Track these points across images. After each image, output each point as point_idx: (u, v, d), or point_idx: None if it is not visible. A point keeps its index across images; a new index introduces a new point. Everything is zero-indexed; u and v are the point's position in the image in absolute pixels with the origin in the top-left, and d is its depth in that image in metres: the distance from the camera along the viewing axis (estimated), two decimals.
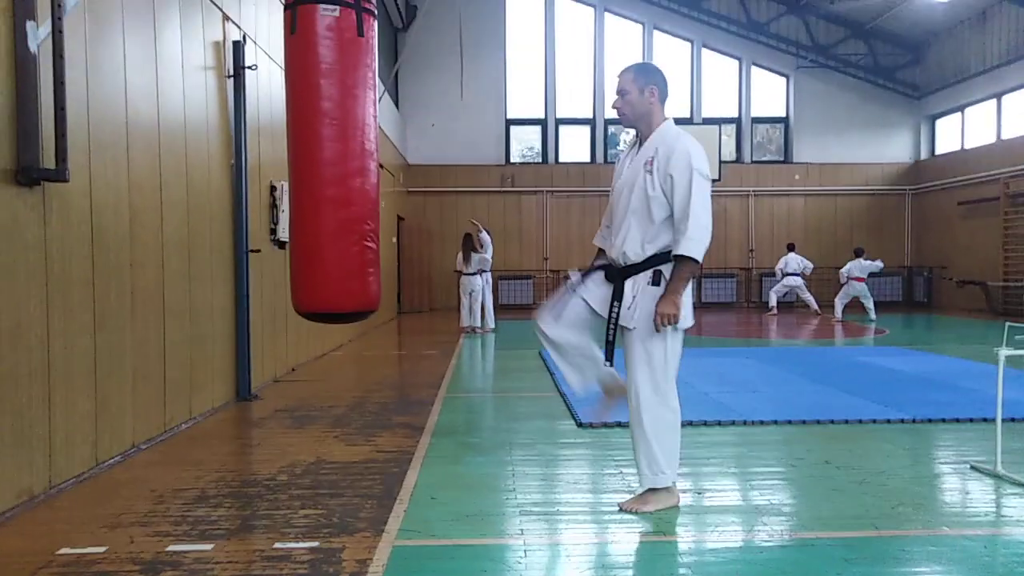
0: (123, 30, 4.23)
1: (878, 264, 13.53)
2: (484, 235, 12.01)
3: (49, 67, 3.39)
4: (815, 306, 14.78)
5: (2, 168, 3.20)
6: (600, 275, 3.37)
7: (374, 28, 3.26)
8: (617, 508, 3.29)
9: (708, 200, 3.13)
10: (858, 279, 13.53)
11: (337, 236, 3.26)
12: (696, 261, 3.10)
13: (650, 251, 3.18)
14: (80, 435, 3.75)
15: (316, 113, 3.21)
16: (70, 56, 3.53)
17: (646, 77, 3.25)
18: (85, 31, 3.82)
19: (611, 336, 3.25)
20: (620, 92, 3.28)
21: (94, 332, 3.88)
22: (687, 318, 3.20)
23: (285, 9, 3.14)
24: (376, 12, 3.28)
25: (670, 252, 3.15)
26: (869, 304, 13.67)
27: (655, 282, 3.17)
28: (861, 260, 13.60)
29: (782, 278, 14.88)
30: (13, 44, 3.26)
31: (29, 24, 3.29)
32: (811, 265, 14.82)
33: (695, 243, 3.07)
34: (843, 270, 13.81)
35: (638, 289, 3.20)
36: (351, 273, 3.32)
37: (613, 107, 3.35)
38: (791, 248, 15.15)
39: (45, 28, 3.36)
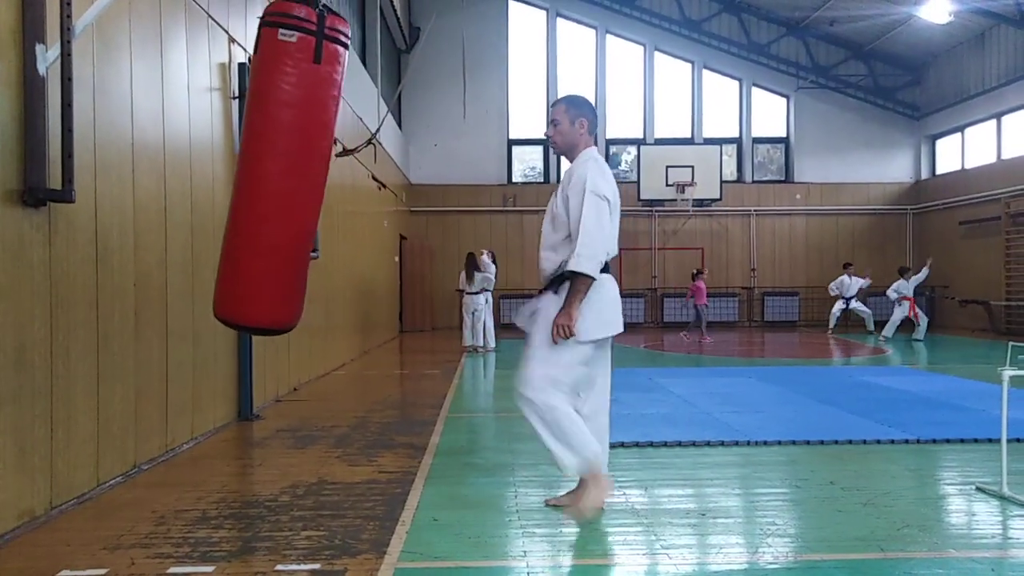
0: (130, 52, 4.28)
1: (925, 271, 13.81)
2: (486, 258, 11.98)
3: (57, 89, 3.43)
4: (871, 325, 14.96)
5: (9, 188, 3.22)
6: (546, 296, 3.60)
7: (338, 57, 3.23)
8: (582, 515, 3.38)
9: (600, 218, 3.33)
10: (906, 298, 13.66)
11: (263, 254, 3.22)
12: (588, 276, 3.30)
13: (556, 265, 3.43)
14: (82, 455, 3.74)
15: (258, 132, 3.19)
16: (78, 78, 3.57)
17: (577, 110, 3.52)
18: (93, 53, 3.86)
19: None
20: (552, 122, 3.54)
21: (97, 352, 3.88)
22: (588, 331, 3.36)
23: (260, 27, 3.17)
24: (346, 42, 3.26)
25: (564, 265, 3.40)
26: (923, 324, 13.71)
27: (556, 290, 3.42)
28: (905, 280, 13.71)
29: (847, 301, 14.80)
30: (23, 67, 3.29)
31: (39, 47, 3.33)
32: (868, 281, 14.85)
33: (583, 259, 3.29)
34: (891, 291, 13.87)
35: (545, 295, 3.47)
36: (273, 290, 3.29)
37: (545, 135, 3.64)
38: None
39: (54, 51, 3.39)
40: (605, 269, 3.48)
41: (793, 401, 6.62)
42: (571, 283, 3.32)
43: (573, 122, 3.45)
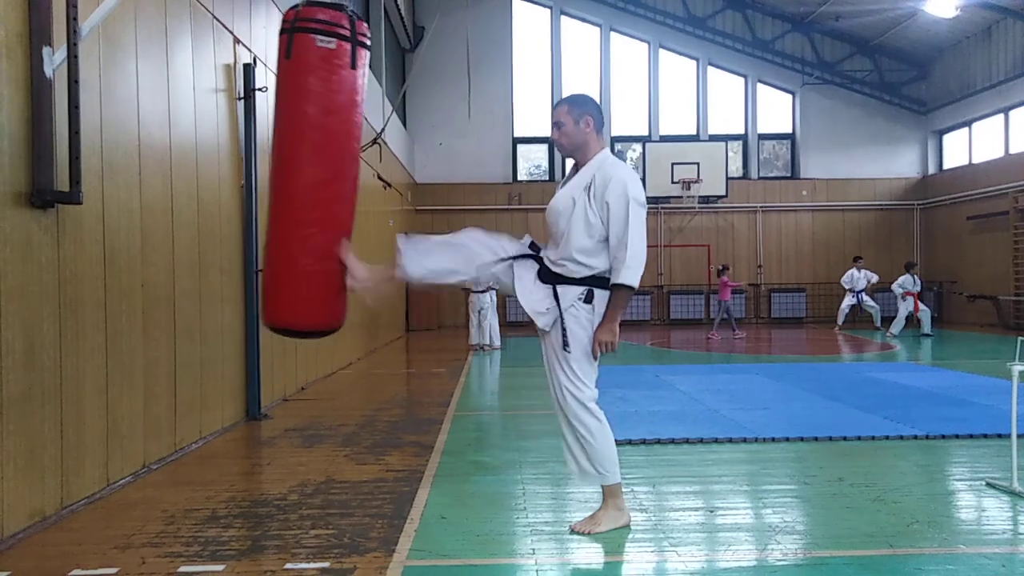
0: (136, 54, 4.30)
1: (873, 277, 13.80)
2: None
3: (64, 91, 3.44)
4: (877, 321, 14.91)
5: (17, 191, 3.24)
6: (534, 271, 3.35)
7: (366, 60, 3.26)
8: (570, 530, 3.28)
9: (644, 228, 3.23)
10: (910, 294, 13.60)
11: (305, 256, 3.23)
12: (633, 288, 3.19)
13: (585, 272, 3.25)
14: (92, 455, 3.76)
15: (300, 138, 3.20)
16: (84, 80, 3.59)
17: (580, 108, 3.38)
18: (99, 56, 3.88)
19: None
20: (556, 124, 3.40)
21: (106, 352, 3.90)
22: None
23: (281, 33, 3.16)
24: (370, 45, 3.29)
25: (602, 275, 3.23)
26: (925, 318, 13.66)
27: (587, 300, 3.24)
28: (912, 275, 13.68)
29: (857, 295, 14.72)
30: (29, 69, 3.31)
31: (45, 50, 3.35)
32: (876, 276, 14.79)
33: (633, 272, 3.16)
34: (895, 285, 13.84)
35: (568, 300, 3.24)
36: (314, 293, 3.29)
37: (551, 138, 3.49)
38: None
39: (61, 53, 3.41)
40: None
41: (800, 397, 6.60)
42: (616, 295, 3.19)
43: (578, 121, 3.35)
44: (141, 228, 4.32)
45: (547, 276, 3.30)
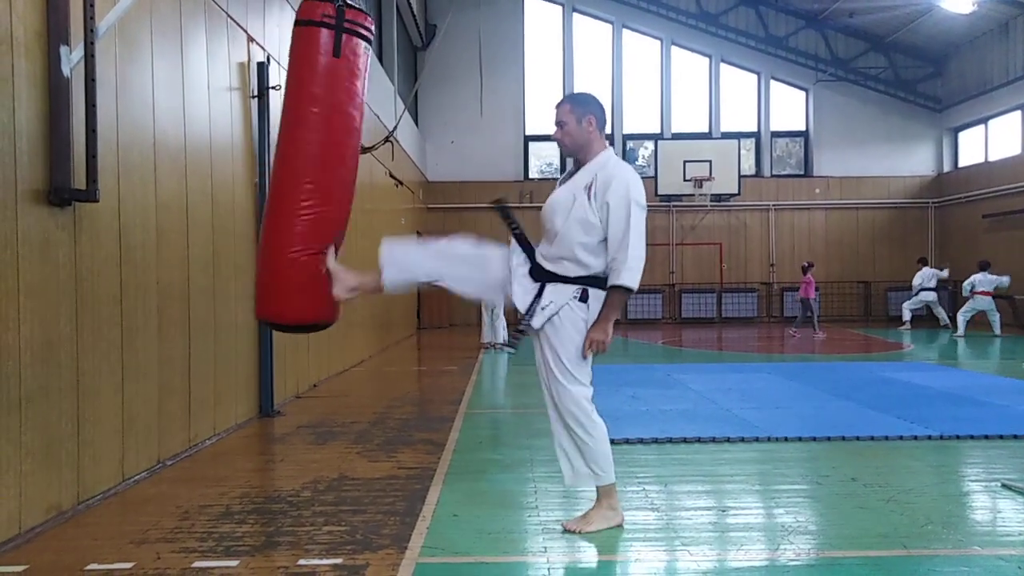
0: (152, 53, 4.33)
1: (1005, 279, 13.24)
2: None
3: (81, 90, 3.48)
4: (945, 320, 14.68)
5: (35, 188, 3.27)
6: (527, 268, 3.31)
7: (357, 49, 3.29)
8: (563, 529, 3.27)
9: (643, 231, 3.19)
10: (984, 293, 13.28)
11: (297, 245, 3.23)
12: (632, 291, 3.16)
13: (580, 272, 3.21)
14: (107, 451, 3.80)
15: (304, 126, 3.22)
16: (101, 79, 3.61)
17: (583, 107, 3.33)
18: (115, 54, 3.91)
19: (522, 327, 3.28)
20: (558, 124, 3.35)
21: (122, 349, 3.94)
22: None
23: (320, 26, 3.17)
24: (372, 40, 3.31)
25: (598, 276, 3.19)
26: (994, 318, 13.33)
27: (583, 299, 3.20)
28: (987, 274, 13.36)
29: (917, 293, 14.65)
30: (47, 68, 3.34)
31: (63, 49, 3.38)
32: (945, 273, 14.67)
33: (632, 273, 3.12)
34: (966, 283, 13.59)
35: (563, 299, 3.21)
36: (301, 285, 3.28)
37: (553, 138, 3.43)
38: (924, 263, 14.98)
39: (78, 52, 3.44)
40: None
41: (813, 397, 6.57)
42: (613, 296, 3.16)
43: (580, 121, 3.30)
44: (156, 226, 4.35)
45: (539, 274, 3.26)
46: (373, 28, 3.23)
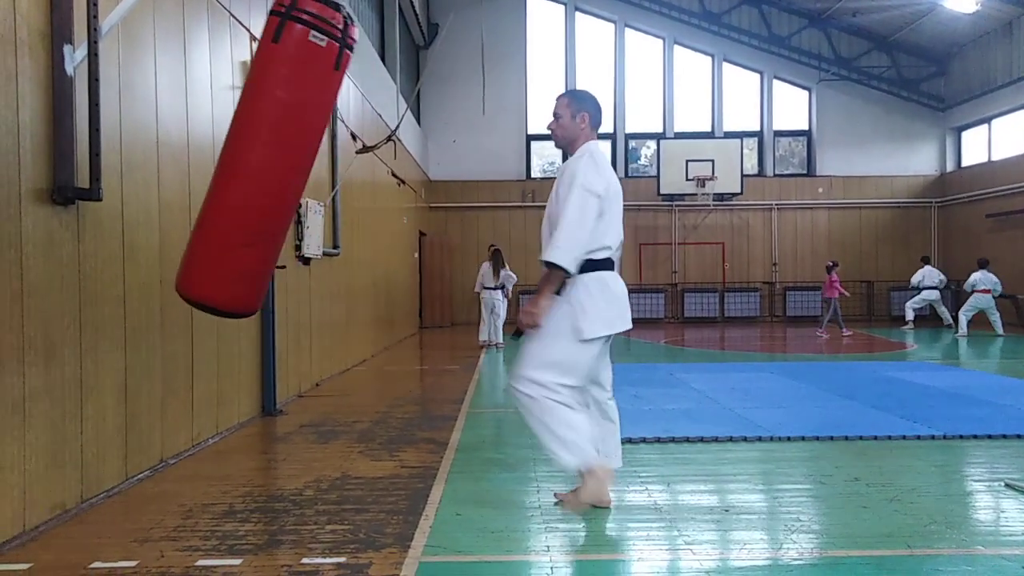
0: (155, 52, 4.33)
1: (997, 284, 13.26)
2: (511, 274, 11.84)
3: (84, 89, 3.48)
4: (948, 319, 14.62)
5: (39, 187, 3.28)
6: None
7: (348, 65, 3.28)
8: (556, 500, 3.47)
9: (584, 212, 3.24)
10: (984, 291, 13.24)
11: (233, 236, 3.19)
12: (560, 268, 3.22)
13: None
14: (111, 450, 3.81)
15: (264, 119, 3.18)
16: (104, 78, 3.62)
17: (580, 104, 3.45)
18: (119, 53, 3.91)
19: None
20: (555, 115, 3.48)
21: (125, 348, 3.94)
22: (592, 329, 3.32)
23: (272, 14, 3.14)
24: (353, 49, 3.28)
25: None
26: (994, 318, 13.28)
27: (558, 291, 3.35)
28: (986, 272, 13.33)
29: (918, 291, 14.60)
30: (51, 67, 3.35)
31: (66, 48, 3.39)
32: (945, 278, 14.66)
33: (558, 251, 3.21)
34: (968, 282, 13.56)
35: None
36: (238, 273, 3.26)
37: (547, 128, 3.58)
38: (926, 261, 14.92)
39: (81, 51, 3.45)
40: (609, 266, 3.42)
41: (816, 396, 6.56)
42: (544, 273, 3.29)
43: (575, 116, 3.40)
44: (159, 224, 4.36)
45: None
46: (332, 17, 3.12)
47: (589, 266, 3.34)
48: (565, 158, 3.50)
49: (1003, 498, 3.67)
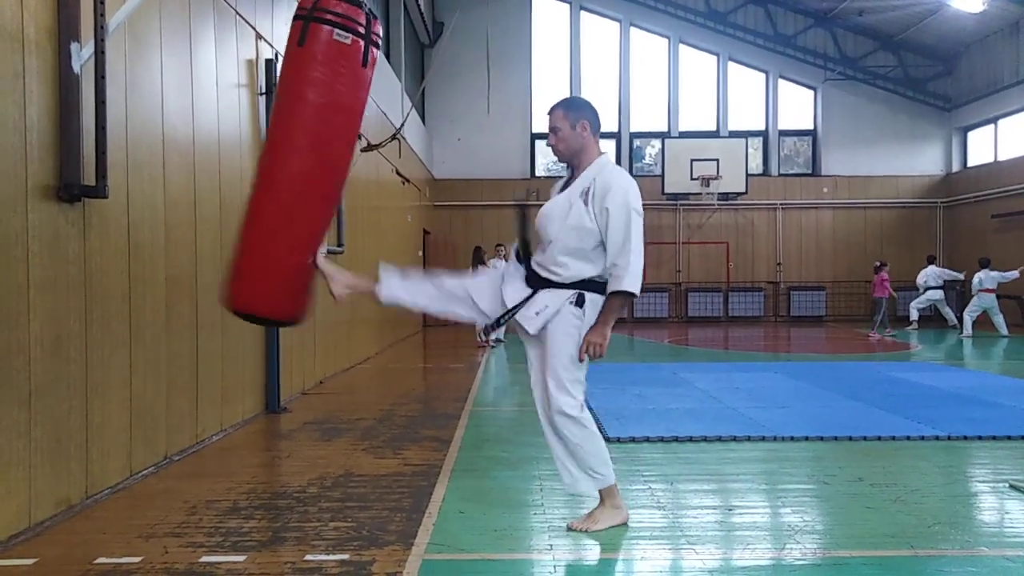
0: (161, 50, 4.35)
1: (1013, 274, 13.02)
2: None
3: (91, 87, 3.49)
4: (953, 320, 14.53)
5: (45, 184, 3.29)
6: (522, 275, 3.31)
7: (375, 61, 3.26)
8: (567, 528, 3.25)
9: (641, 236, 3.17)
10: (988, 291, 13.13)
11: (278, 243, 3.20)
12: (634, 296, 3.15)
13: (575, 277, 3.19)
14: (116, 446, 3.82)
15: (298, 126, 3.17)
16: (111, 76, 3.63)
17: (576, 112, 3.28)
18: (125, 51, 3.93)
19: (502, 320, 3.27)
20: (552, 130, 3.31)
21: (130, 345, 3.96)
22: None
23: (296, 19, 3.14)
24: (380, 44, 3.28)
25: (594, 280, 3.17)
26: (997, 318, 13.17)
27: (578, 303, 3.17)
28: (988, 271, 13.23)
29: (924, 292, 14.53)
30: (58, 65, 3.36)
31: (73, 46, 3.40)
32: (956, 273, 14.57)
33: (634, 279, 3.11)
34: (974, 282, 13.46)
35: (558, 303, 3.18)
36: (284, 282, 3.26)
37: (548, 145, 3.41)
38: (931, 260, 14.87)
39: (88, 49, 3.46)
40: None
41: (819, 396, 6.55)
42: (613, 301, 3.14)
43: (574, 125, 3.25)
44: (165, 222, 4.37)
45: (534, 281, 3.24)
46: (355, 14, 3.12)
47: (598, 288, 3.20)
48: (571, 170, 3.34)
49: (1007, 499, 3.66)
